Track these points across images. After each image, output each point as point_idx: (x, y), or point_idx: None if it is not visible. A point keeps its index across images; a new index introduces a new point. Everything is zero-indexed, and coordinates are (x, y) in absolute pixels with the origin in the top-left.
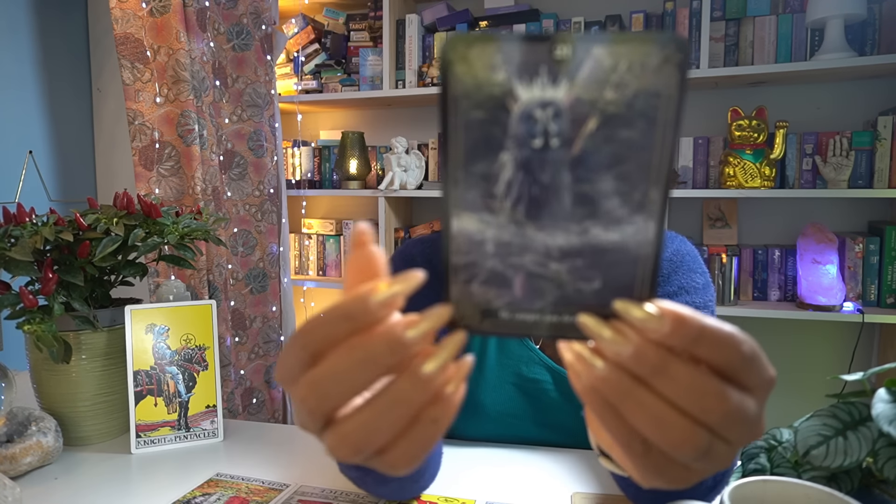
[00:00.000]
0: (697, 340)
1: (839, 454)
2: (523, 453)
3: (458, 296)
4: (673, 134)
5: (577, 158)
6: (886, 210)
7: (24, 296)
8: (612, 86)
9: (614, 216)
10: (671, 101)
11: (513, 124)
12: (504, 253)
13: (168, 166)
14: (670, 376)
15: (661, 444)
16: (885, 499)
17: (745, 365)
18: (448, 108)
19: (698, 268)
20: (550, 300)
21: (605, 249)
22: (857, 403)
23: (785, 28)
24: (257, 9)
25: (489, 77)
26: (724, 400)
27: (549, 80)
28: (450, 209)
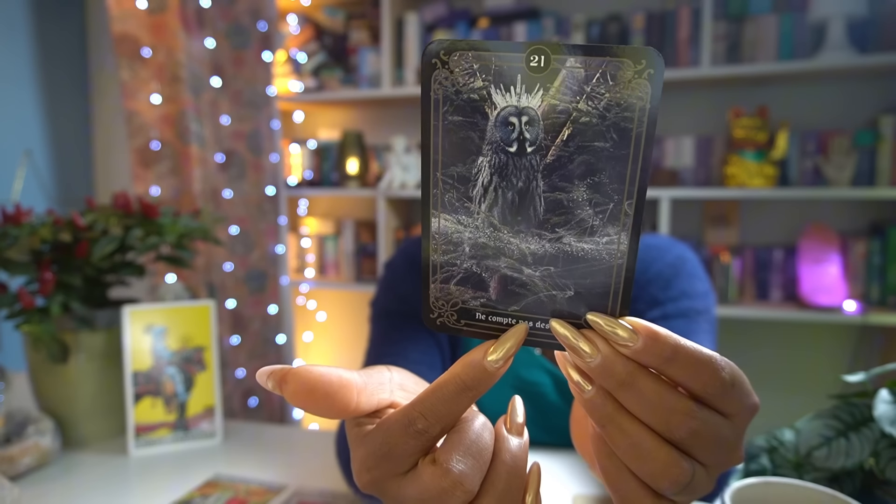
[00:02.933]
0: (671, 360)
1: (841, 455)
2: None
3: (436, 294)
4: (646, 147)
5: (551, 166)
6: (889, 209)
7: (22, 296)
8: (586, 97)
9: (587, 226)
10: (644, 114)
11: (490, 130)
12: (480, 255)
13: (166, 166)
14: (637, 390)
15: (641, 475)
16: (886, 500)
17: (724, 391)
18: (428, 111)
19: (699, 274)
20: (524, 305)
21: (578, 258)
22: (859, 404)
23: (786, 27)
24: (256, 7)
25: (468, 83)
26: (692, 418)
27: (525, 88)
28: (429, 209)
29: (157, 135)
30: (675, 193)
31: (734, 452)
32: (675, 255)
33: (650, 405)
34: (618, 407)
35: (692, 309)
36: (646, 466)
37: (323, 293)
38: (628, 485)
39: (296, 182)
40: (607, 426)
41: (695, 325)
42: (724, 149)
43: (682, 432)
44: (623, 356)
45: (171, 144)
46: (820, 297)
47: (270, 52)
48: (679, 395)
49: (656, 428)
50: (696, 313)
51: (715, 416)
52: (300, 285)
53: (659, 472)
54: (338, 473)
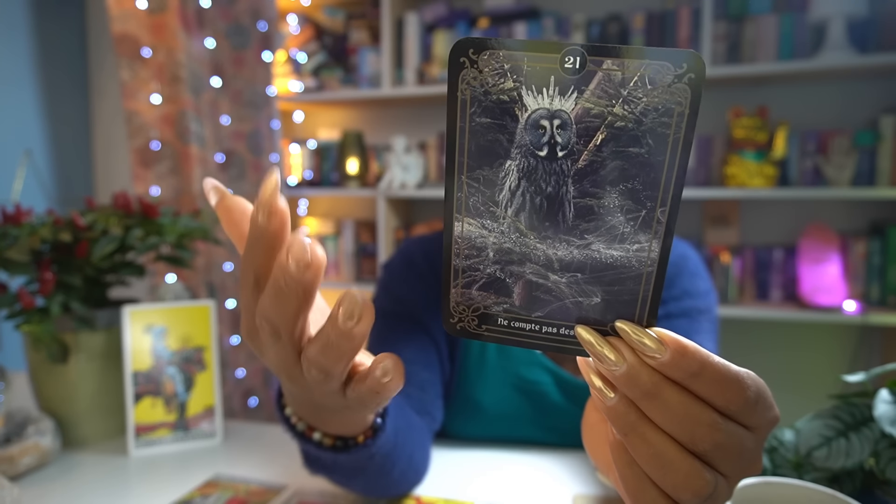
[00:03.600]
0: (697, 375)
1: (841, 455)
2: (524, 455)
3: (457, 299)
4: (683, 153)
5: (583, 171)
6: (889, 209)
7: (22, 296)
8: (622, 100)
9: (618, 233)
10: (682, 120)
11: (519, 132)
12: (505, 260)
13: (166, 166)
14: (662, 401)
15: (663, 485)
16: (886, 500)
17: (748, 409)
18: (455, 112)
19: (701, 272)
20: (549, 311)
21: (607, 265)
22: (859, 404)
23: (786, 27)
24: (256, 7)
25: (497, 83)
26: (717, 430)
27: (558, 90)
28: (453, 213)
29: (157, 135)
30: None
31: (755, 464)
32: (676, 254)
33: (675, 416)
34: (641, 416)
35: (694, 308)
36: (668, 477)
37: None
38: (648, 494)
39: (296, 182)
40: (629, 435)
41: (697, 325)
42: (724, 149)
43: (706, 444)
44: (648, 367)
45: (171, 144)
46: (820, 297)
47: (270, 52)
48: (704, 407)
49: (680, 439)
50: (699, 312)
51: (738, 428)
52: None
53: (681, 483)
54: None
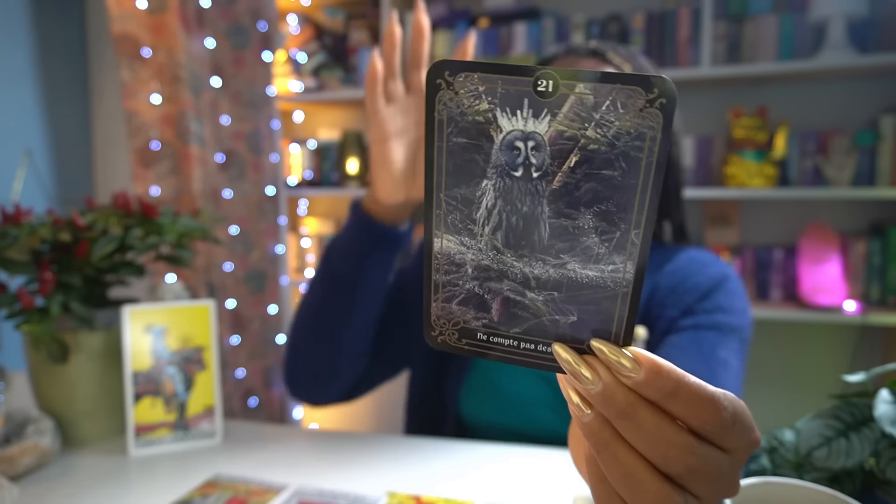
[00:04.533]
0: (672, 395)
1: (841, 455)
2: (524, 455)
3: (437, 312)
4: (656, 177)
5: (557, 192)
6: (889, 209)
7: (22, 296)
8: (594, 124)
9: (593, 253)
10: (655, 144)
11: (495, 153)
12: (483, 277)
13: (166, 166)
14: (636, 421)
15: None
16: (887, 500)
17: (724, 430)
18: (433, 131)
19: (740, 295)
20: (527, 328)
21: (583, 285)
22: (860, 404)
23: (787, 27)
24: (256, 7)
25: (473, 105)
26: (690, 454)
27: (532, 112)
28: (432, 229)
29: (157, 135)
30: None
31: (731, 486)
32: (718, 271)
33: (648, 437)
34: (614, 434)
35: (726, 324)
36: (636, 497)
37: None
38: None
39: (296, 182)
40: (602, 453)
41: (725, 340)
42: (724, 149)
43: (679, 467)
44: (624, 386)
45: (171, 144)
46: (820, 297)
47: (270, 52)
48: (679, 429)
49: (653, 460)
50: (730, 329)
51: (714, 451)
52: (300, 285)
53: (649, 502)
54: (338, 473)
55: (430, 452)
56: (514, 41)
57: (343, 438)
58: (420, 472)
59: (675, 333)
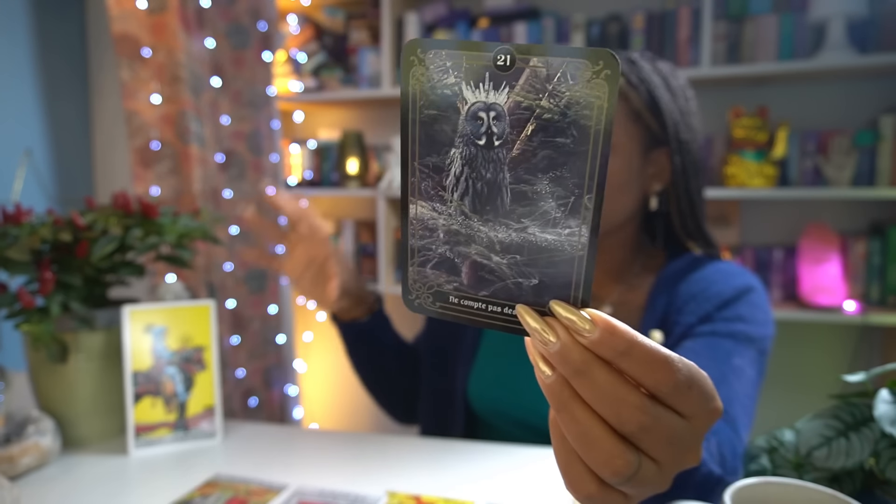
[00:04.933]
0: (625, 354)
1: (841, 455)
2: (525, 454)
3: (414, 276)
4: (605, 144)
5: (517, 159)
6: (889, 209)
7: (22, 296)
8: (548, 94)
9: (550, 218)
10: (602, 113)
11: (461, 123)
12: (453, 241)
13: (166, 166)
14: (591, 379)
15: (587, 461)
16: (887, 500)
17: (677, 391)
18: (407, 104)
19: (763, 307)
20: (493, 290)
21: (542, 248)
22: (859, 404)
23: (787, 27)
24: (256, 7)
25: (441, 79)
26: (643, 413)
27: (492, 85)
28: (407, 196)
29: (157, 135)
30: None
31: (690, 453)
32: (743, 282)
33: (602, 395)
34: (573, 395)
35: (744, 333)
36: (591, 454)
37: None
38: (575, 469)
39: (296, 182)
40: (561, 412)
41: (741, 349)
42: (724, 149)
43: (631, 426)
44: (580, 345)
45: (171, 144)
46: (820, 297)
47: (270, 52)
48: (632, 388)
49: (608, 418)
50: (748, 339)
51: (669, 414)
52: None
53: (602, 461)
54: (337, 473)
55: (431, 452)
56: (513, 41)
57: (343, 438)
58: (420, 472)
59: (691, 339)
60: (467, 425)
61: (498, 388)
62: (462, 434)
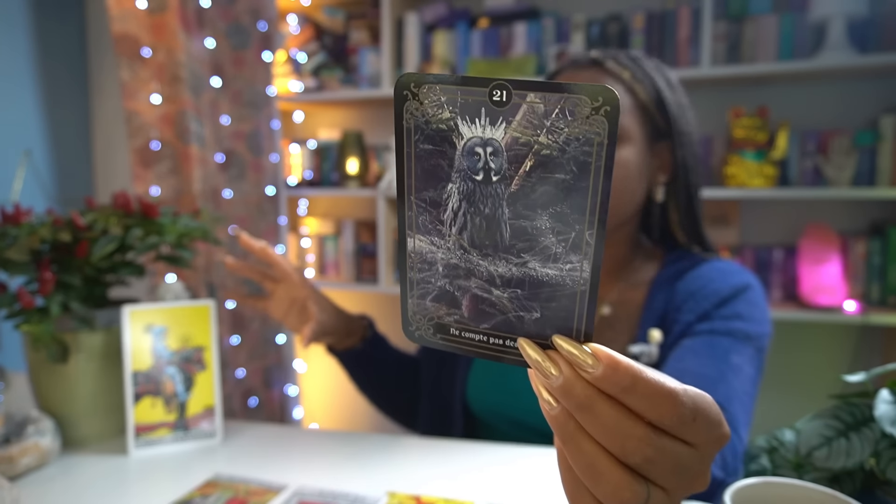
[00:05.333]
0: (629, 390)
1: (841, 455)
2: (525, 454)
3: (413, 308)
4: (605, 180)
5: (515, 195)
6: (889, 210)
7: (21, 296)
8: (546, 130)
9: (551, 253)
10: (602, 149)
11: (458, 158)
12: (452, 275)
13: (166, 166)
14: (595, 413)
15: (595, 493)
16: (887, 500)
17: (682, 423)
18: (402, 138)
19: (760, 304)
20: (494, 324)
21: (543, 283)
22: (860, 404)
23: (787, 27)
24: (256, 7)
25: (436, 114)
26: (647, 445)
27: (489, 120)
28: (405, 230)
29: (157, 135)
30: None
31: (698, 479)
32: (740, 280)
33: (606, 429)
34: (578, 427)
35: (742, 331)
36: (599, 486)
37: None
38: (583, 499)
39: (296, 182)
40: (567, 444)
41: (740, 347)
42: (724, 149)
43: (637, 458)
44: (583, 380)
45: (171, 144)
46: (820, 297)
47: (270, 52)
48: (636, 421)
49: (612, 451)
50: (746, 337)
51: (675, 443)
52: None
53: (610, 492)
54: (337, 473)
55: (431, 452)
56: (513, 41)
57: (343, 438)
58: (420, 472)
59: (690, 337)
60: (467, 427)
61: (497, 389)
62: (462, 436)
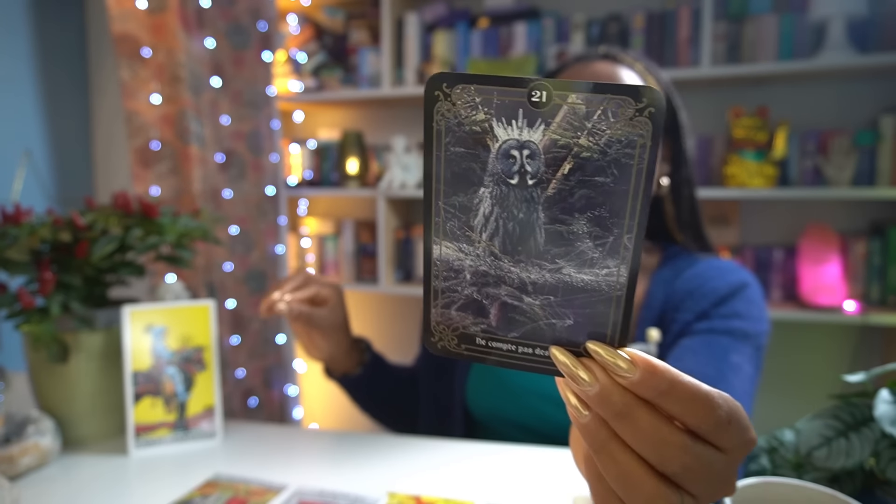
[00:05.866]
0: (667, 394)
1: (841, 455)
2: (524, 455)
3: (437, 318)
4: (647, 183)
5: (552, 199)
6: (889, 209)
7: (22, 296)
8: (587, 132)
9: (587, 258)
10: (645, 151)
11: (491, 161)
12: (481, 283)
13: (166, 166)
14: (633, 421)
15: (628, 502)
16: (887, 500)
17: (718, 429)
18: (431, 141)
19: (758, 303)
20: (524, 332)
21: (578, 289)
22: (860, 404)
23: (787, 27)
24: (256, 7)
25: (470, 115)
26: (685, 453)
27: (526, 122)
28: (430, 237)
29: (157, 135)
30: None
31: (727, 485)
32: (738, 279)
33: (644, 437)
34: (612, 435)
35: (740, 330)
36: (633, 496)
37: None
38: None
39: (296, 182)
40: (600, 453)
41: (739, 345)
42: (724, 149)
43: (674, 466)
44: (620, 387)
45: (171, 144)
46: (820, 297)
47: (270, 52)
48: (674, 428)
49: (649, 459)
50: (744, 335)
51: (709, 450)
52: None
53: (644, 502)
54: (338, 473)
55: (431, 452)
56: (513, 41)
57: (343, 438)
58: (420, 472)
59: (689, 336)
60: (467, 431)
61: (496, 392)
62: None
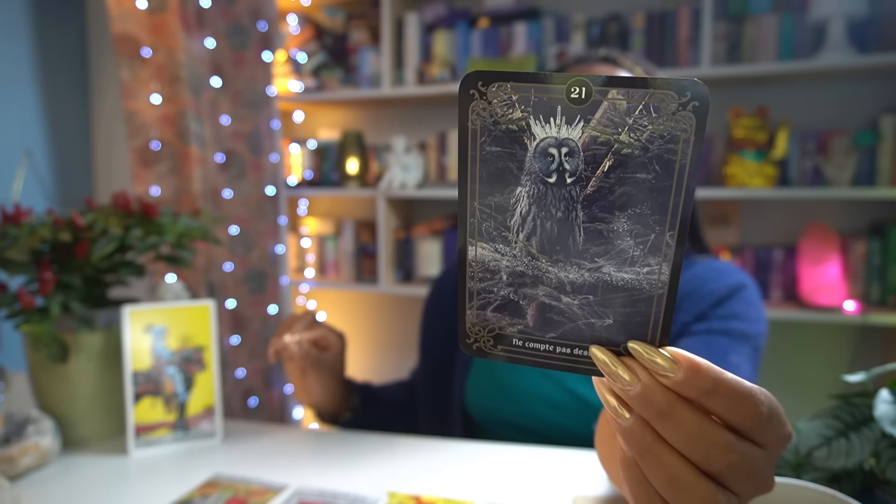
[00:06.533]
0: (711, 393)
1: (841, 455)
2: (524, 455)
3: (472, 320)
4: (690, 179)
5: (592, 197)
6: (889, 209)
7: (22, 296)
8: (628, 128)
9: (628, 256)
10: (689, 146)
11: (528, 160)
12: (518, 283)
13: (166, 166)
14: (677, 421)
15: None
16: (887, 500)
17: (762, 425)
18: (466, 141)
19: (756, 304)
20: (562, 332)
21: (618, 288)
22: (860, 404)
23: (787, 27)
24: (256, 7)
25: (506, 114)
26: (731, 451)
27: (565, 119)
28: (466, 237)
29: (157, 135)
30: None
31: (766, 481)
32: (735, 280)
33: (690, 437)
34: (656, 437)
35: (739, 331)
36: (682, 499)
37: (323, 293)
38: None
39: (296, 182)
40: (645, 456)
41: (737, 346)
42: (724, 149)
43: (720, 465)
44: (663, 386)
45: (171, 144)
46: (820, 297)
47: (270, 52)
48: (719, 427)
49: (694, 460)
50: (743, 336)
51: (752, 447)
52: (300, 285)
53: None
54: (338, 473)
55: (431, 452)
56: (513, 41)
57: (343, 438)
58: (420, 472)
59: (687, 337)
60: (466, 432)
61: (495, 394)
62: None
